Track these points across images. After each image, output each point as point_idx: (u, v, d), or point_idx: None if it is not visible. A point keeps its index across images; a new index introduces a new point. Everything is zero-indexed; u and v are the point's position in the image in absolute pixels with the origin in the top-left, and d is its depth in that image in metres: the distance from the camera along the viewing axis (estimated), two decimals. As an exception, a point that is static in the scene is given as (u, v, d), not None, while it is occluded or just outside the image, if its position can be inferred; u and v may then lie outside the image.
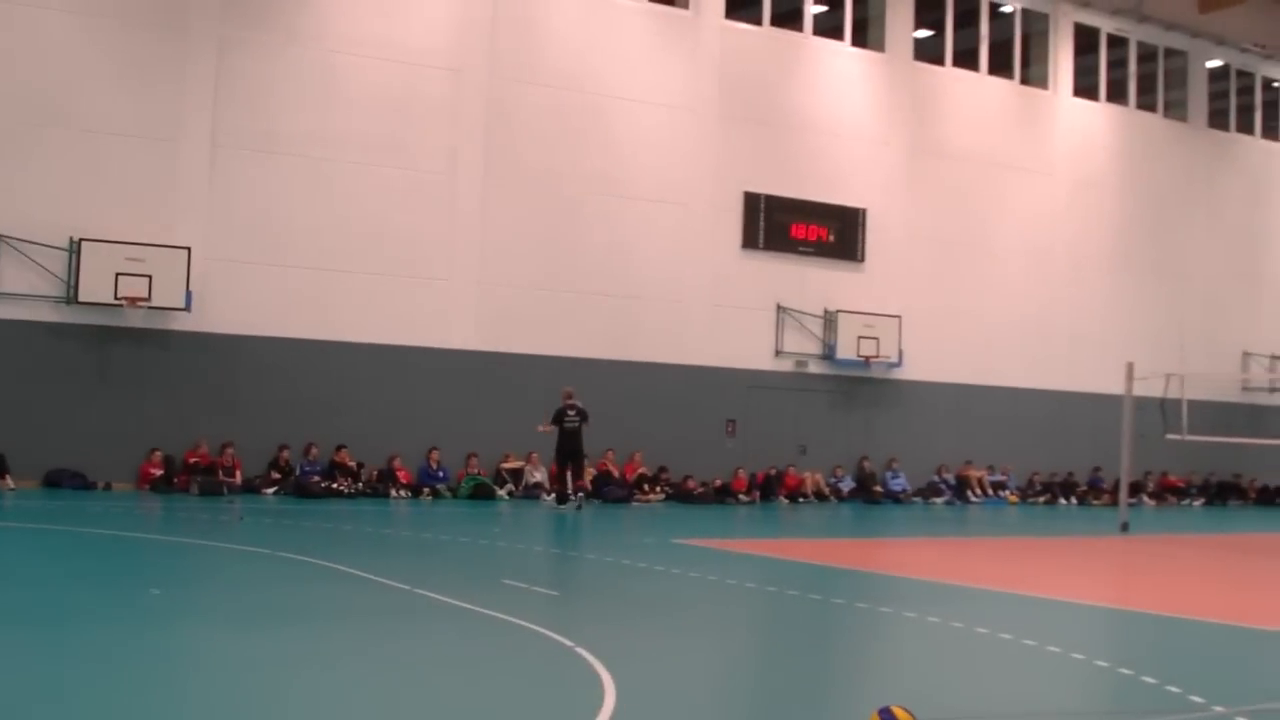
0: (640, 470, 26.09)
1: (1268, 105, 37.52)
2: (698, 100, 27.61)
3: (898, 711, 6.34)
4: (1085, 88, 33.59)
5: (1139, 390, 24.05)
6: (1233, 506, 34.14)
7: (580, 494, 22.88)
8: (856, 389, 29.50)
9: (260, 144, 23.27)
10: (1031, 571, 16.90)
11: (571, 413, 22.69)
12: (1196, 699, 8.21)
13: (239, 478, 22.48)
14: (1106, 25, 33.87)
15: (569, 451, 22.71)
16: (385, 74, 24.36)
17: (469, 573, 13.93)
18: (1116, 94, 34.30)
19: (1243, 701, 8.40)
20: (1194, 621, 12.50)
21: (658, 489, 25.93)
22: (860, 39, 30.09)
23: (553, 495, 23.59)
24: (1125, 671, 9.24)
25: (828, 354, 28.82)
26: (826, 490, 28.34)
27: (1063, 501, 31.71)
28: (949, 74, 31.33)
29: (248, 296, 23.06)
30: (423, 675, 8.28)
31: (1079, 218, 33.16)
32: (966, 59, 31.62)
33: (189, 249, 22.23)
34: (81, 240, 21.61)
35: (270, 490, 22.61)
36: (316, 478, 22.81)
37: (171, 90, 22.64)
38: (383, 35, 24.36)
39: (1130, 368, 24.26)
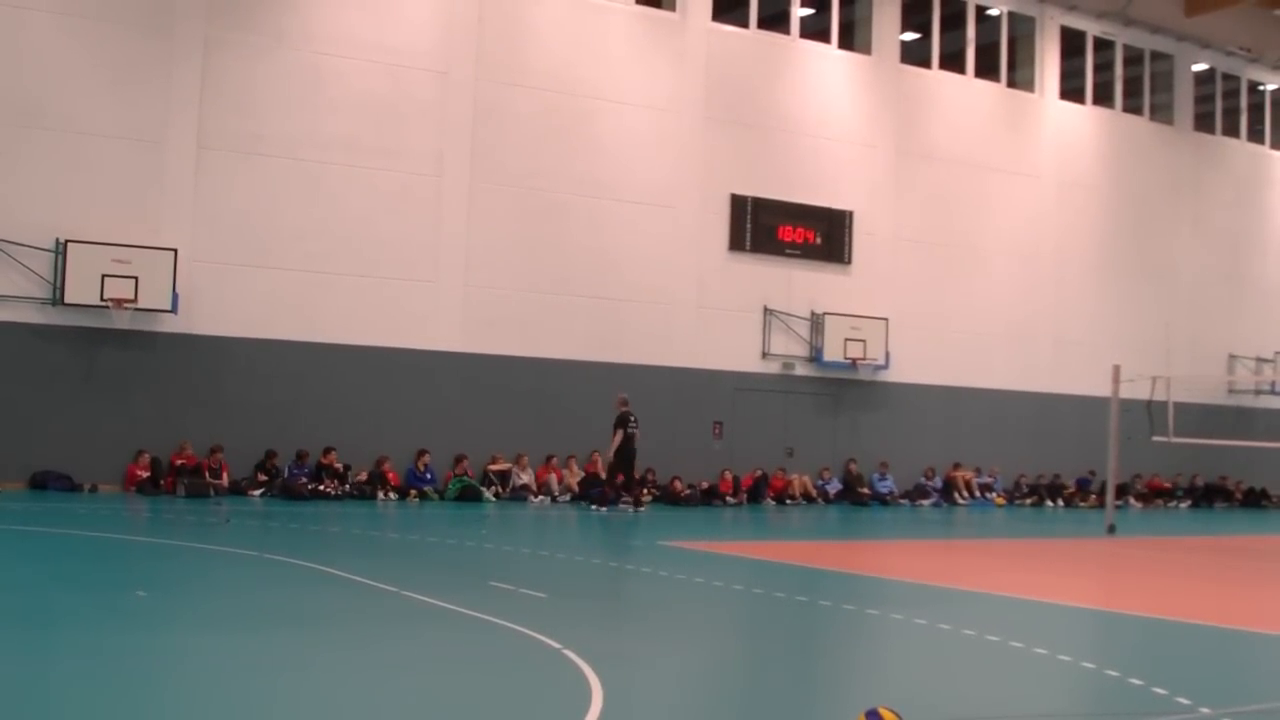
0: (628, 472, 26.07)
1: (1253, 108, 37.67)
2: (684, 103, 27.62)
3: (885, 713, 6.34)
4: (1072, 90, 33.68)
5: (1125, 392, 24.12)
6: (1219, 509, 34.25)
7: (623, 498, 23.87)
8: (843, 391, 29.53)
9: (246, 146, 23.22)
10: (1019, 574, 16.92)
11: (633, 419, 23.35)
12: (1183, 700, 8.23)
13: (226, 480, 22.43)
14: (1093, 28, 33.97)
15: (631, 456, 23.44)
16: (372, 76, 24.33)
17: (456, 575, 13.90)
18: (1103, 97, 34.40)
19: (1229, 703, 8.42)
20: (1180, 624, 12.53)
21: (645, 491, 25.91)
22: (847, 42, 30.13)
23: (607, 501, 23.92)
24: (1112, 673, 9.26)
25: (815, 356, 28.85)
26: (814, 492, 28.36)
27: (1049, 503, 31.78)
28: (935, 76, 31.39)
29: (234, 299, 23.01)
30: (410, 677, 8.26)
31: (1065, 220, 33.25)
32: (953, 62, 31.68)
33: (175, 251, 22.18)
34: (67, 242, 21.54)
35: (257, 492, 22.54)
36: (304, 480, 22.76)
37: (157, 92, 22.58)
38: (369, 37, 24.32)
39: (1116, 370, 24.32)
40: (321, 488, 22.74)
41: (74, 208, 21.81)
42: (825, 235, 29.18)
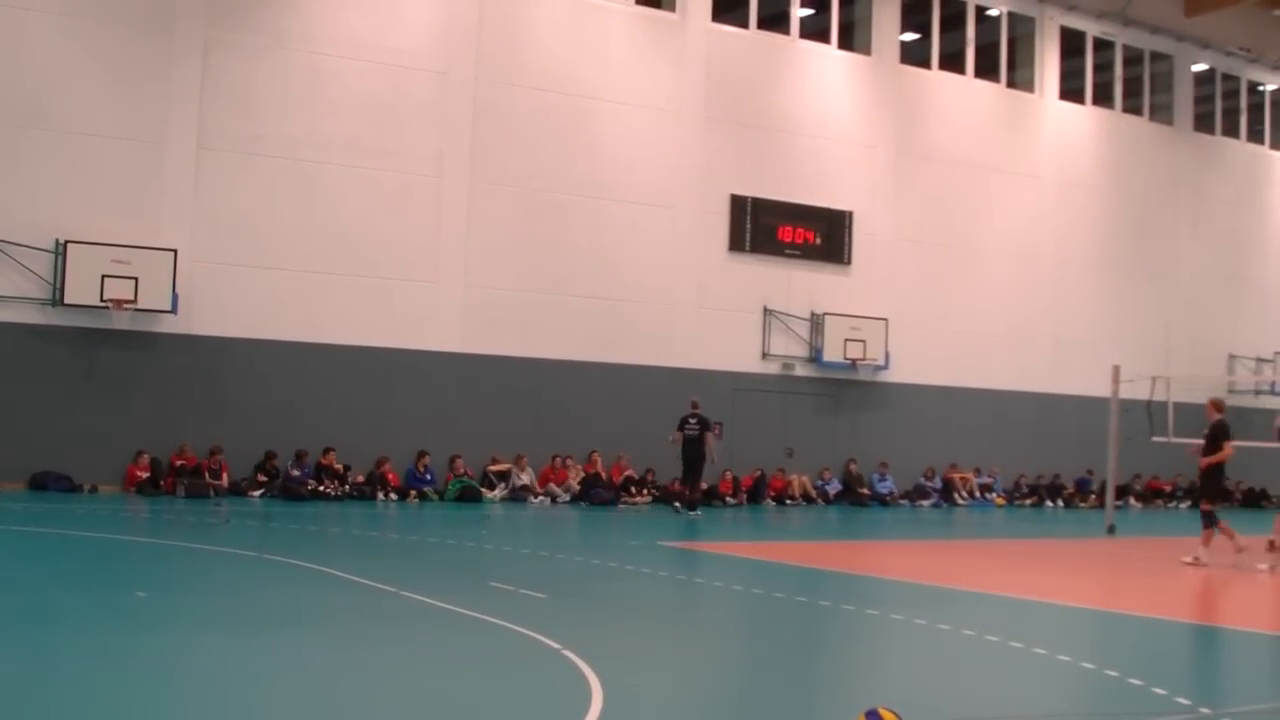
0: (627, 473, 26.08)
1: (1253, 109, 37.68)
2: (684, 103, 27.62)
3: (884, 713, 6.33)
4: (1071, 91, 33.69)
5: (1125, 393, 24.12)
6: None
7: (696, 504, 23.64)
8: (843, 391, 29.53)
9: (246, 146, 23.22)
10: (1019, 574, 16.92)
11: (693, 421, 23.39)
12: (1183, 700, 8.23)
13: (225, 480, 22.43)
14: (1092, 28, 33.97)
15: (689, 458, 23.39)
16: (371, 76, 24.33)
17: (456, 575, 13.90)
18: (1102, 97, 34.41)
19: (1229, 703, 8.42)
20: (1180, 624, 12.53)
21: (644, 491, 25.92)
22: (846, 42, 30.13)
23: (677, 502, 24.07)
24: (1112, 673, 9.25)
25: (814, 356, 28.86)
26: (814, 493, 28.36)
27: (1049, 504, 31.78)
28: (935, 77, 31.39)
29: (234, 299, 23.01)
30: (410, 678, 8.26)
31: (1065, 220, 33.25)
32: (953, 62, 31.68)
33: (175, 251, 22.18)
34: (67, 242, 21.54)
35: (256, 493, 22.55)
36: (306, 479, 22.73)
37: (157, 92, 22.58)
38: (369, 38, 24.32)
39: (1116, 370, 24.32)
40: (321, 488, 22.74)
41: (74, 208, 21.81)
42: (825, 236, 29.18)
